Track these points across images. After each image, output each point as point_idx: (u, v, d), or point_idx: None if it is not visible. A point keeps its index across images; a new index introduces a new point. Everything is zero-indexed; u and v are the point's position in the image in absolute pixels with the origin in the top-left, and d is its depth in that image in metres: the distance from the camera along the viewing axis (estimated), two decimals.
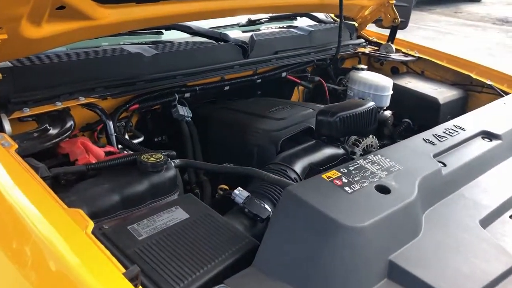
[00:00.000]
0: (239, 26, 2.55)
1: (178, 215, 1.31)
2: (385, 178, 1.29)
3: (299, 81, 2.45)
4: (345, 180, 1.25)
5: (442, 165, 1.42)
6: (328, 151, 1.78)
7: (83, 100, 1.72)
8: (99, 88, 1.77)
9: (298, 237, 1.12)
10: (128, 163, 1.45)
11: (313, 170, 1.67)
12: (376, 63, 2.88)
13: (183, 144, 1.98)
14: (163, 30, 2.19)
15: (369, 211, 1.16)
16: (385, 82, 2.40)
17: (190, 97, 2.04)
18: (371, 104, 1.87)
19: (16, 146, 1.38)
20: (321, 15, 2.91)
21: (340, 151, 1.81)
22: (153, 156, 1.45)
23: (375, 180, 1.27)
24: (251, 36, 2.31)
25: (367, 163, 1.35)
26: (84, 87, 1.74)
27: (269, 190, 1.49)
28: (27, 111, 1.61)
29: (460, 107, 2.52)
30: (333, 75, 2.67)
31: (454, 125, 1.66)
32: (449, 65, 2.61)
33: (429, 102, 2.40)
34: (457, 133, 1.61)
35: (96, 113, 1.73)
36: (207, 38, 2.21)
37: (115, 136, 1.71)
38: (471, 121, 1.71)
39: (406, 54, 2.74)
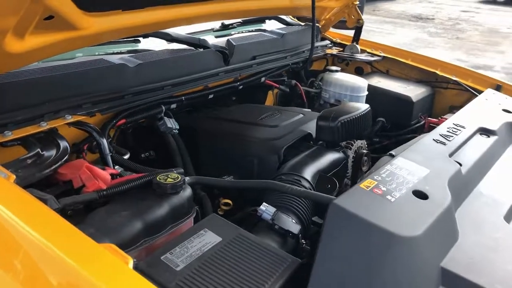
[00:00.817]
0: (213, 31, 2.46)
1: (210, 238, 1.22)
2: (418, 183, 1.28)
3: (277, 85, 2.41)
4: (383, 189, 1.22)
5: (459, 165, 1.44)
6: (332, 156, 1.75)
7: (70, 119, 1.56)
8: (86, 104, 1.61)
9: (354, 253, 1.07)
10: (143, 186, 1.33)
11: (322, 177, 1.64)
12: (341, 64, 2.90)
13: (172, 158, 1.86)
14: (140, 38, 2.05)
15: (417, 219, 1.14)
16: (361, 83, 2.42)
17: (175, 108, 1.93)
18: (366, 106, 1.87)
19: (14, 176, 1.21)
20: (286, 18, 2.88)
21: (341, 155, 1.79)
22: (169, 176, 1.34)
23: (410, 186, 1.26)
24: (228, 41, 2.23)
25: (395, 168, 1.34)
26: (69, 104, 1.58)
27: (289, 203, 1.43)
28: (9, 135, 1.43)
29: (429, 104, 2.61)
30: (304, 78, 2.65)
31: (453, 124, 1.70)
32: (414, 63, 2.69)
33: (403, 101, 2.45)
34: (459, 131, 1.65)
35: (88, 132, 1.57)
36: (186, 45, 2.10)
37: (111, 156, 1.56)
38: (465, 119, 1.75)
39: (372, 54, 2.79)
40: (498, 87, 2.44)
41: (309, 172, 1.62)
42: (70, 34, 1.50)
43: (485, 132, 1.70)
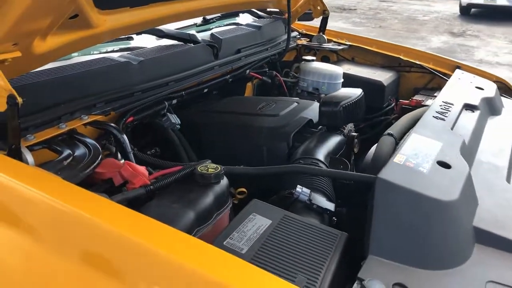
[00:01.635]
0: (197, 26, 2.48)
1: (261, 221, 1.28)
2: (438, 155, 1.41)
3: (260, 77, 2.48)
4: (414, 162, 1.35)
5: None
6: (336, 139, 1.86)
7: (86, 119, 1.54)
8: (99, 103, 1.60)
9: (407, 220, 1.18)
10: (185, 177, 1.36)
11: (334, 159, 1.74)
12: (308, 54, 3.01)
13: (176, 153, 1.88)
14: (133, 35, 2.03)
15: (450, 186, 1.27)
16: (337, 71, 2.55)
17: (176, 104, 1.94)
18: (360, 91, 1.99)
19: (60, 178, 1.20)
20: (257, 11, 2.95)
21: (343, 138, 1.91)
22: (209, 166, 1.38)
23: (433, 157, 1.39)
24: (213, 35, 2.26)
25: (416, 143, 1.46)
26: (84, 105, 1.56)
27: (316, 184, 1.52)
28: (32, 139, 1.40)
29: (396, 87, 2.79)
30: (279, 68, 2.74)
31: (443, 102, 1.86)
32: (378, 49, 2.86)
33: (375, 85, 2.61)
34: (450, 108, 1.81)
35: (108, 130, 1.56)
36: (177, 40, 2.11)
37: (133, 153, 1.56)
38: (450, 97, 1.93)
39: (339, 43, 2.93)
40: (458, 68, 2.67)
41: (321, 155, 1.71)
42: (86, 32, 1.48)
43: (470, 107, 1.89)
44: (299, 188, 1.42)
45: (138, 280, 0.95)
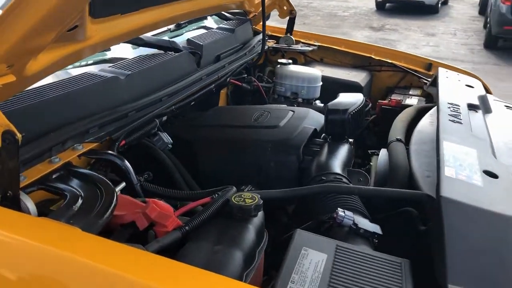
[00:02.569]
0: (170, 31, 2.23)
1: (315, 256, 1.12)
2: (480, 164, 1.34)
3: (240, 83, 2.30)
4: (464, 174, 1.25)
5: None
6: (345, 149, 1.73)
7: (81, 149, 1.30)
8: (92, 128, 1.35)
9: (482, 243, 1.09)
10: (218, 211, 1.17)
11: (351, 172, 1.62)
12: (275, 56, 2.88)
13: (172, 178, 1.65)
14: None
15: (510, 198, 1.19)
16: (317, 73, 2.44)
17: (166, 121, 1.72)
18: (361, 96, 1.88)
19: (78, 228, 0.97)
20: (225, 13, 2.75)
21: (350, 146, 1.79)
22: (244, 196, 1.19)
23: (477, 167, 1.31)
24: (191, 41, 2.05)
25: (454, 153, 1.37)
26: (76, 131, 1.31)
27: (349, 202, 1.39)
28: (23, 179, 1.13)
29: (370, 87, 2.73)
30: (253, 73, 2.58)
31: (448, 103, 1.80)
32: (348, 49, 2.79)
33: (353, 86, 2.53)
34: (458, 108, 1.75)
35: (109, 161, 1.32)
36: (157, 48, 1.87)
37: (140, 185, 1.34)
38: (451, 98, 1.87)
39: (308, 44, 2.82)
40: (429, 65, 2.66)
41: (339, 168, 1.58)
42: (79, 45, 1.24)
43: (473, 107, 1.84)
44: (341, 212, 1.27)
45: None
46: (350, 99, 1.84)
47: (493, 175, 1.29)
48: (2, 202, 1.02)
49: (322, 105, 2.45)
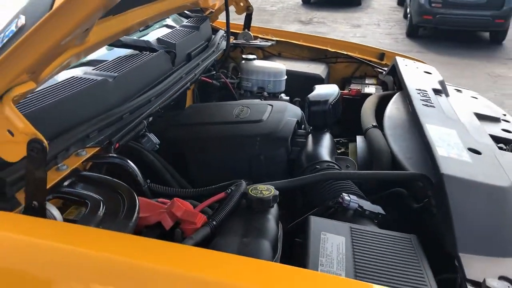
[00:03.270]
0: (140, 31, 2.19)
1: (335, 240, 1.19)
2: (463, 142, 1.46)
3: (210, 80, 2.30)
4: (454, 152, 1.37)
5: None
6: (328, 138, 1.81)
7: (85, 154, 1.27)
8: (92, 133, 1.32)
9: (482, 213, 1.20)
10: (237, 205, 1.20)
11: (339, 159, 1.70)
12: (233, 52, 2.91)
13: (160, 177, 1.64)
14: None
15: (496, 171, 1.32)
16: (281, 67, 2.50)
17: (150, 122, 1.70)
18: (336, 87, 1.97)
19: (121, 233, 0.97)
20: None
21: (330, 135, 1.87)
22: (259, 188, 1.23)
23: (462, 146, 1.43)
24: (162, 40, 2.04)
25: (439, 134, 1.48)
26: (77, 137, 1.28)
27: (349, 188, 1.46)
28: None
29: (328, 78, 2.84)
30: (217, 70, 2.59)
31: (416, 89, 1.93)
32: (305, 43, 2.88)
33: (314, 79, 2.62)
34: (426, 93, 1.88)
35: (120, 164, 1.30)
36: (133, 49, 1.84)
37: (147, 187, 1.33)
38: (416, 84, 2.00)
39: (266, 39, 2.87)
40: (382, 55, 2.81)
41: (328, 157, 1.66)
42: (77, 49, 1.21)
43: (437, 92, 1.99)
44: (347, 196, 1.34)
45: None
46: (327, 91, 1.92)
47: (477, 152, 1.41)
48: (26, 212, 0.99)
49: (287, 98, 2.52)
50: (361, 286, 0.95)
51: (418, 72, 2.22)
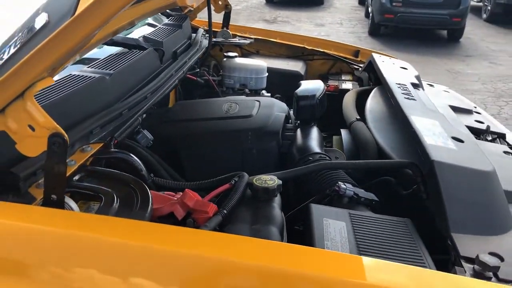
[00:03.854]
0: (126, 30, 2.18)
1: (336, 225, 1.26)
2: (446, 131, 1.56)
3: (195, 78, 2.34)
4: (440, 141, 1.46)
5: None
6: (316, 131, 1.88)
7: (90, 150, 1.29)
8: (95, 129, 1.35)
9: (471, 196, 1.29)
10: (243, 194, 1.25)
11: (328, 150, 1.77)
12: (212, 50, 2.94)
13: (157, 175, 1.67)
14: None
15: (480, 157, 1.42)
16: (262, 64, 2.56)
17: (144, 118, 1.73)
18: (321, 82, 2.04)
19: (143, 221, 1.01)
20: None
21: (318, 128, 1.94)
22: (263, 179, 1.28)
23: (446, 135, 1.53)
24: (148, 38, 2.06)
25: (424, 124, 1.58)
26: (81, 133, 1.30)
27: (342, 177, 1.53)
28: None
29: (306, 75, 2.92)
30: (199, 68, 2.62)
31: (396, 83, 2.02)
32: (283, 41, 2.95)
33: (293, 76, 2.69)
34: (406, 87, 1.98)
35: (125, 159, 1.32)
36: (123, 47, 1.86)
37: (152, 180, 1.36)
38: (395, 79, 2.10)
39: (244, 37, 2.92)
40: (357, 52, 2.91)
41: (318, 149, 1.72)
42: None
43: (415, 86, 2.09)
44: (343, 184, 1.42)
45: None
46: (314, 86, 1.99)
47: (460, 140, 1.51)
48: (45, 205, 1.01)
49: (269, 94, 2.58)
50: (372, 262, 1.01)
51: (395, 68, 2.33)
